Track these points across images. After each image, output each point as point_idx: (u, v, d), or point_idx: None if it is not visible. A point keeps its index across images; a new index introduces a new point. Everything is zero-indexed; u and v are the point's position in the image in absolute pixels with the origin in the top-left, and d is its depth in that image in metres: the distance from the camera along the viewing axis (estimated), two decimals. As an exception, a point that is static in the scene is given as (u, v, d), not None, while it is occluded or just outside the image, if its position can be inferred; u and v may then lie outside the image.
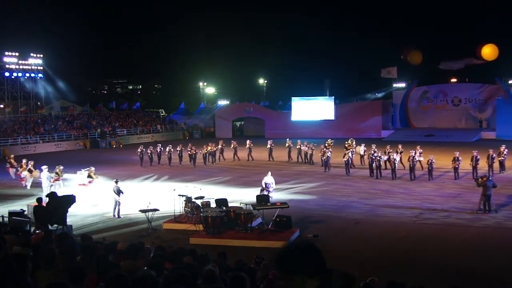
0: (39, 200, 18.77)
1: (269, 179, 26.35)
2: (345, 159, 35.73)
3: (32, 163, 32.31)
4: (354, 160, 38.15)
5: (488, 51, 64.57)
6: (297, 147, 41.95)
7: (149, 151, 41.76)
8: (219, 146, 43.82)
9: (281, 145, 43.94)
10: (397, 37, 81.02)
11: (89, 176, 28.54)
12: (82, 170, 29.85)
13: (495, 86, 64.84)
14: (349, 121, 65.41)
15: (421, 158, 34.17)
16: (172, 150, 41.96)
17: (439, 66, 68.60)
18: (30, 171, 31.72)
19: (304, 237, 20.00)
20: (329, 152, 37.19)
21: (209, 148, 42.63)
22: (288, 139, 43.97)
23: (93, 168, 29.13)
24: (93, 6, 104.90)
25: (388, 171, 33.91)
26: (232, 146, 44.08)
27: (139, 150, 42.50)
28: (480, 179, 23.65)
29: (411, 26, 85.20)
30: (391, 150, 34.95)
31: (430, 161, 32.72)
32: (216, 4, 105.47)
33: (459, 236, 19.96)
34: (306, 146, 41.18)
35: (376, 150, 34.44)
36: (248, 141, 44.00)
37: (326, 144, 39.84)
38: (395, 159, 33.40)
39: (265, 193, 24.94)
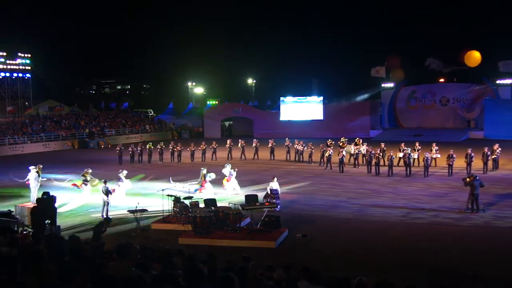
0: (39, 201, 18.82)
1: (275, 185, 25.23)
2: (339, 157, 36.33)
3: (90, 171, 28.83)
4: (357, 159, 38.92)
5: (472, 58, 64.86)
6: (294, 146, 42.40)
7: (129, 150, 42.34)
8: (227, 146, 44.36)
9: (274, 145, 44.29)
10: (386, 36, 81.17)
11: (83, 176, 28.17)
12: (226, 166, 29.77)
13: (483, 86, 65.12)
14: (338, 121, 65.42)
15: (438, 155, 35.62)
16: (153, 148, 42.82)
17: (426, 63, 68.69)
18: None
19: (293, 236, 20.04)
20: (330, 151, 37.80)
21: (202, 146, 43.81)
22: (287, 138, 44.66)
23: (90, 170, 28.85)
24: (82, 6, 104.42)
25: (385, 168, 34.86)
26: (239, 145, 44.37)
27: (118, 148, 43.13)
28: (467, 179, 23.76)
29: (399, 26, 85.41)
30: (405, 148, 35.76)
31: (425, 158, 33.72)
32: (204, 4, 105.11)
33: (447, 235, 20.03)
34: (302, 146, 41.68)
35: (385, 148, 36.24)
36: (254, 140, 44.74)
37: (328, 143, 40.27)
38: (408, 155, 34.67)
39: (272, 200, 24.08)
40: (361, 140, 41.09)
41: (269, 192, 24.72)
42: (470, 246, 18.63)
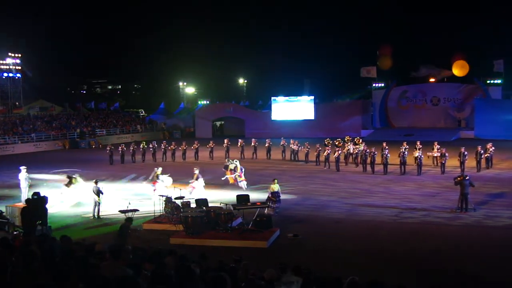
0: (28, 201, 18.69)
1: (276, 187, 24.23)
2: (335, 156, 36.94)
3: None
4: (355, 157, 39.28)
5: (458, 69, 65.20)
6: (290, 146, 42.83)
7: (119, 149, 42.39)
8: (224, 145, 44.60)
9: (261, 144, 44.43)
10: (377, 36, 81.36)
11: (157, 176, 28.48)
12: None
13: (473, 86, 65.36)
14: (329, 121, 65.61)
15: (438, 154, 36.10)
16: (146, 147, 43.04)
17: (419, 71, 69.10)
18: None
19: (285, 236, 20.03)
20: (328, 150, 38.20)
21: (194, 146, 44.31)
22: (282, 138, 45.04)
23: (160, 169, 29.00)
24: (73, 6, 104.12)
25: (380, 166, 35.49)
26: (239, 144, 44.62)
27: (108, 148, 43.09)
28: (457, 178, 23.84)
29: (391, 26, 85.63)
30: (406, 147, 36.63)
31: (418, 156, 34.56)
32: (197, 5, 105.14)
33: (438, 235, 20.06)
34: (297, 146, 42.14)
35: (387, 148, 36.26)
36: (253, 140, 45.09)
37: (326, 142, 40.52)
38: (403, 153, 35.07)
39: (274, 204, 23.59)
40: (360, 139, 41.44)
41: (270, 196, 24.07)
42: (461, 245, 18.65)
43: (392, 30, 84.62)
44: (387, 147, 36.39)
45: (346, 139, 41.24)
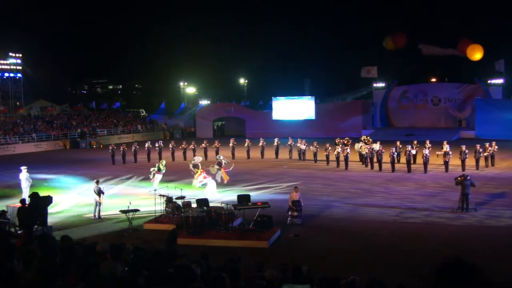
0: (23, 201, 18.60)
1: (296, 196, 22.50)
2: (344, 155, 37.42)
3: None
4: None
5: (475, 53, 64.74)
6: (297, 145, 43.04)
7: (121, 149, 42.34)
8: (230, 145, 44.89)
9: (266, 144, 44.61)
10: (377, 36, 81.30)
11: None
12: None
13: (474, 86, 65.39)
14: (330, 121, 65.55)
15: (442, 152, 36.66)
16: (151, 146, 43.06)
17: (421, 50, 68.59)
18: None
19: (286, 236, 20.03)
20: (339, 149, 38.51)
21: (202, 146, 44.42)
22: (290, 137, 45.21)
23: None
24: (73, 6, 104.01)
25: (387, 165, 36.04)
26: (246, 144, 44.66)
27: (110, 148, 43.06)
28: (458, 178, 23.85)
29: (391, 25, 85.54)
30: (417, 146, 37.93)
31: (425, 155, 34.93)
32: (197, 4, 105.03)
33: (439, 234, 20.07)
34: (304, 145, 42.42)
35: (400, 146, 37.87)
36: (261, 139, 45.17)
37: (336, 141, 40.65)
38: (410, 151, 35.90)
39: (294, 213, 22.22)
40: (371, 139, 41.63)
41: (290, 205, 22.48)
42: (462, 245, 18.65)
43: (391, 30, 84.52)
44: (400, 146, 36.99)
45: (362, 138, 41.33)
